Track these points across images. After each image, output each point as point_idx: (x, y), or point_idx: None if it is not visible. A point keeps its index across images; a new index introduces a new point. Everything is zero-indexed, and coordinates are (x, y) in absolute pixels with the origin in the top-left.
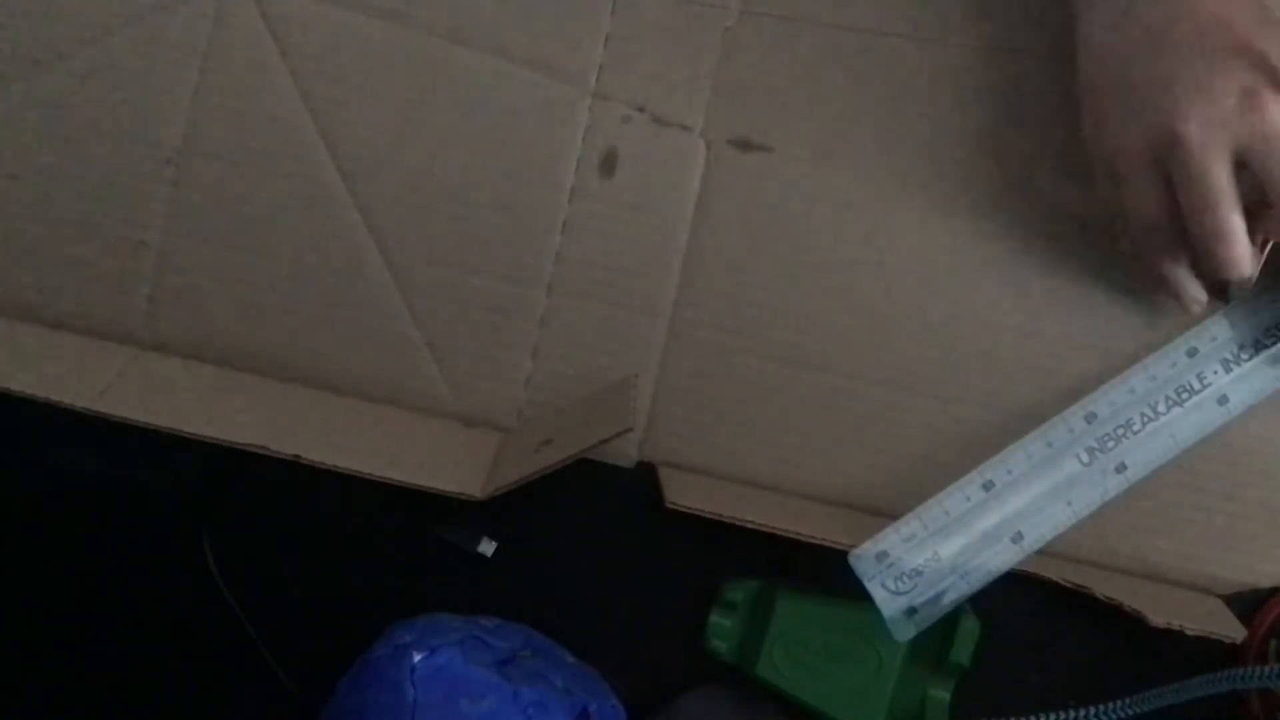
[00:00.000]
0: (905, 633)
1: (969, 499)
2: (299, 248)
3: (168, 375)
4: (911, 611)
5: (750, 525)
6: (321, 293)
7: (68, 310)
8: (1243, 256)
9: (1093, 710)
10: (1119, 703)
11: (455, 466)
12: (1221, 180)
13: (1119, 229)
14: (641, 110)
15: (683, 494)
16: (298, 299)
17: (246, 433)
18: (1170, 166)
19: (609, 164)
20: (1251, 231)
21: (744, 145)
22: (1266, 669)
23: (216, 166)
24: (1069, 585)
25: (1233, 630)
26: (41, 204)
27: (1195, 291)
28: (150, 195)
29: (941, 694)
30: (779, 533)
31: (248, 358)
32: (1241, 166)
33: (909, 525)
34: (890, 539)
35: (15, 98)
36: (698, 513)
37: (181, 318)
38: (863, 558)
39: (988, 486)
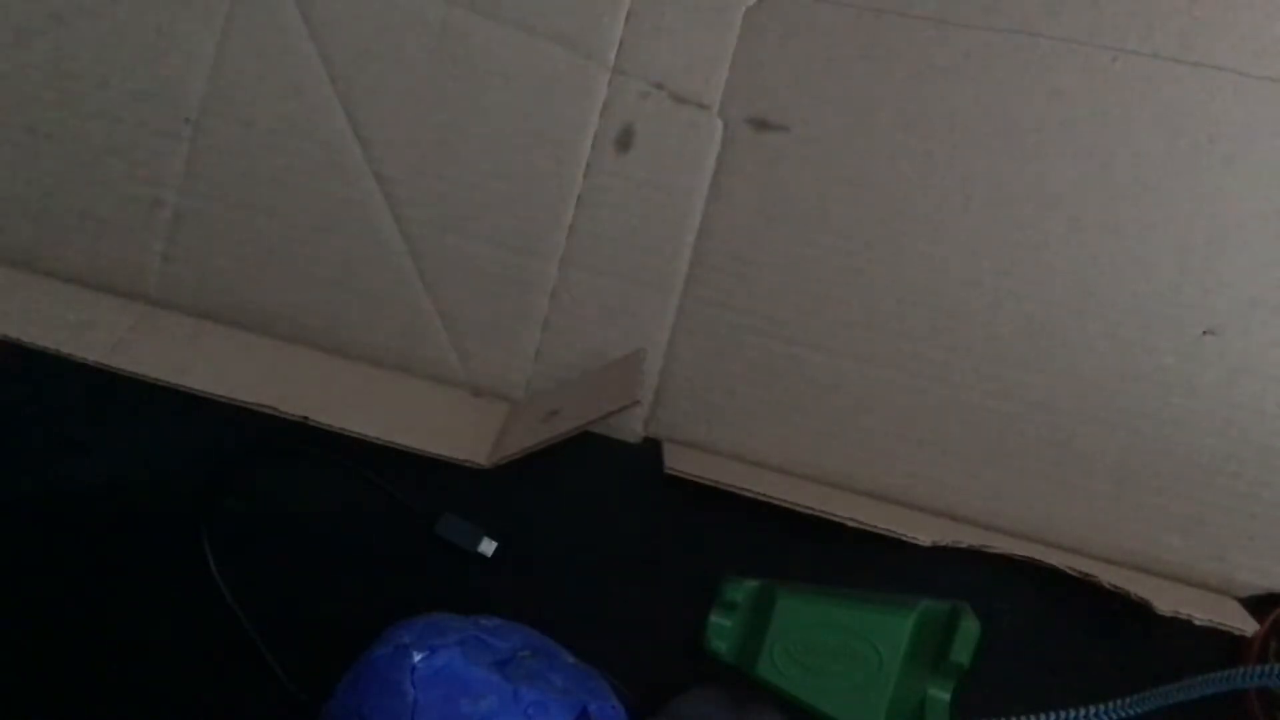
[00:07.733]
0: None
1: None
2: (314, 212)
3: (179, 333)
4: None
5: (749, 494)
6: (335, 258)
7: (82, 265)
8: None
9: (1093, 710)
10: (1119, 702)
11: (462, 435)
12: None
13: None
14: (660, 87)
15: (683, 463)
16: (311, 263)
17: (255, 393)
18: None
19: (625, 139)
20: None
21: (761, 125)
22: (1266, 668)
23: (235, 128)
24: (1074, 573)
25: (1243, 623)
26: (58, 159)
27: None
28: (168, 154)
29: (941, 694)
30: (777, 502)
31: (259, 319)
32: None
33: None
34: None
35: (37, 52)
36: (696, 479)
37: (195, 276)
38: None
39: None
